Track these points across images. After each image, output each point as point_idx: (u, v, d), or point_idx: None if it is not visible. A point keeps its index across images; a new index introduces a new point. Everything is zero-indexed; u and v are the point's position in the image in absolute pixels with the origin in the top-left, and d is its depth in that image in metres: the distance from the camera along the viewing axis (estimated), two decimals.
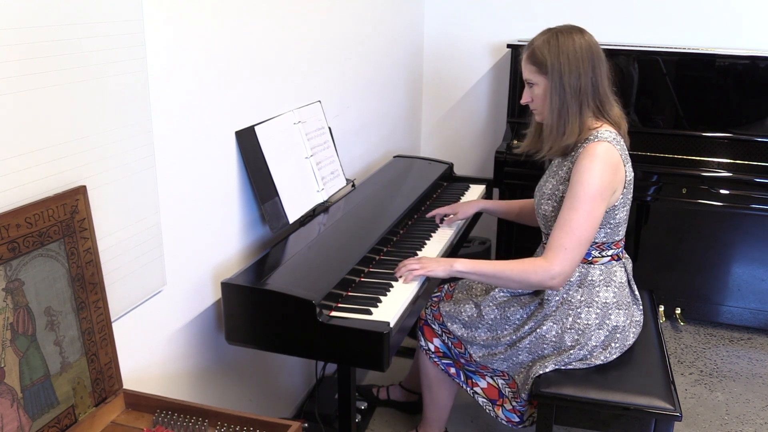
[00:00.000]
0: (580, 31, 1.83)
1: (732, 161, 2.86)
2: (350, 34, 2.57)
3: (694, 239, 3.12)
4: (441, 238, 2.21)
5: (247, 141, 1.88)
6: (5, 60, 1.12)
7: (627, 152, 1.86)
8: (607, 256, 1.90)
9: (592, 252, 1.88)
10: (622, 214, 1.87)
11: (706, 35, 3.09)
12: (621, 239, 1.93)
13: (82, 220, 1.25)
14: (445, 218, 2.34)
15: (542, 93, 1.84)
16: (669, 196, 2.89)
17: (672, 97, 3.02)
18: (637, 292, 2.00)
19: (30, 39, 1.16)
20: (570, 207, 1.76)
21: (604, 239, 1.88)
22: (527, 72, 1.86)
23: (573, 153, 1.85)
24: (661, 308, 3.13)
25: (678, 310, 3.16)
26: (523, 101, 1.91)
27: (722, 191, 2.82)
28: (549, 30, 1.85)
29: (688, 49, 3.01)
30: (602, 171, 1.74)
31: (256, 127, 1.91)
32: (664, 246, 3.15)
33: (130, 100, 1.41)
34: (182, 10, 1.58)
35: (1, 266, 1.10)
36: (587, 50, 1.79)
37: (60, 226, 1.21)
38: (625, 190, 1.83)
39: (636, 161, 2.93)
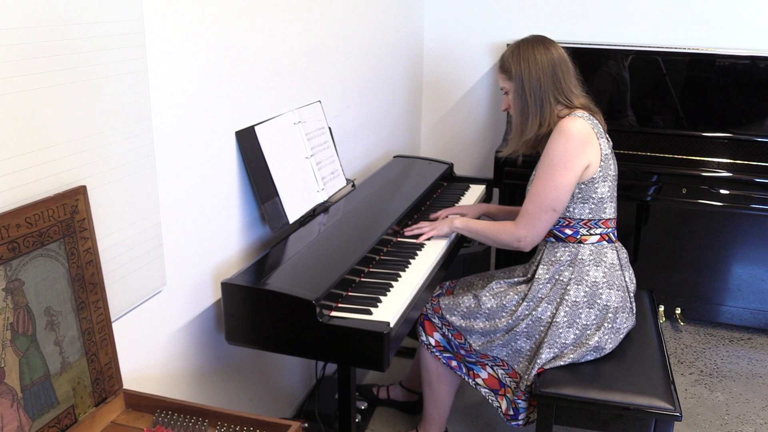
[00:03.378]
0: (542, 40, 2.02)
1: (732, 161, 2.86)
2: (350, 34, 2.57)
3: (694, 239, 3.12)
4: (441, 238, 2.21)
5: (247, 141, 1.88)
6: (5, 60, 1.12)
7: (602, 129, 1.98)
8: (596, 234, 1.97)
9: (580, 230, 1.96)
10: (604, 189, 1.94)
11: (706, 35, 3.08)
12: (610, 218, 1.98)
13: (82, 220, 1.25)
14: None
15: (513, 98, 2.03)
16: (669, 196, 2.89)
17: (672, 97, 3.02)
18: (628, 281, 2.02)
19: (30, 39, 1.16)
20: (535, 177, 1.96)
21: (590, 216, 1.95)
22: (500, 81, 2.06)
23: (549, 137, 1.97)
24: (661, 308, 3.13)
25: (678, 310, 3.16)
26: (503, 108, 2.11)
27: (722, 191, 2.82)
28: (516, 42, 2.05)
29: (688, 49, 3.01)
30: (566, 142, 1.88)
31: (256, 127, 1.91)
32: (664, 246, 3.15)
33: (130, 100, 1.41)
34: (182, 10, 1.58)
35: (1, 266, 1.10)
36: (547, 56, 1.97)
37: (60, 226, 1.21)
38: (602, 163, 1.92)
39: (636, 161, 2.97)
